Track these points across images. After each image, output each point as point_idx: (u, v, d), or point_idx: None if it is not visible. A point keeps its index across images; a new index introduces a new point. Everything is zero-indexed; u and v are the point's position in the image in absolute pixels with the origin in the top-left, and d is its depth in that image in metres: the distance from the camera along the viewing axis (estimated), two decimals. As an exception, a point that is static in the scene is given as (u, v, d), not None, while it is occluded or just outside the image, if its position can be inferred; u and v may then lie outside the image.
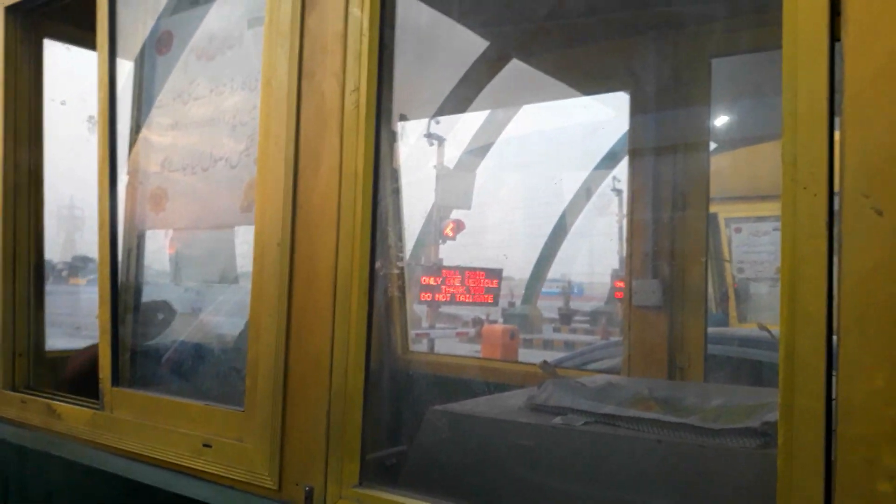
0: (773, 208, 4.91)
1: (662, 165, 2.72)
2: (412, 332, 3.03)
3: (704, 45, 2.59)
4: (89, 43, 2.08)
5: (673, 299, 2.63)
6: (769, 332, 3.20)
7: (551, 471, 1.47)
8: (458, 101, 3.19)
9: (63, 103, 2.74)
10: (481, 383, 2.69)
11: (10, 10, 2.31)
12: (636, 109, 2.84)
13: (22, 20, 2.34)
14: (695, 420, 1.43)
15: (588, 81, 3.07)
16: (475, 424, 1.59)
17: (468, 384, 2.69)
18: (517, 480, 1.47)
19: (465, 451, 1.60)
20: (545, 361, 2.02)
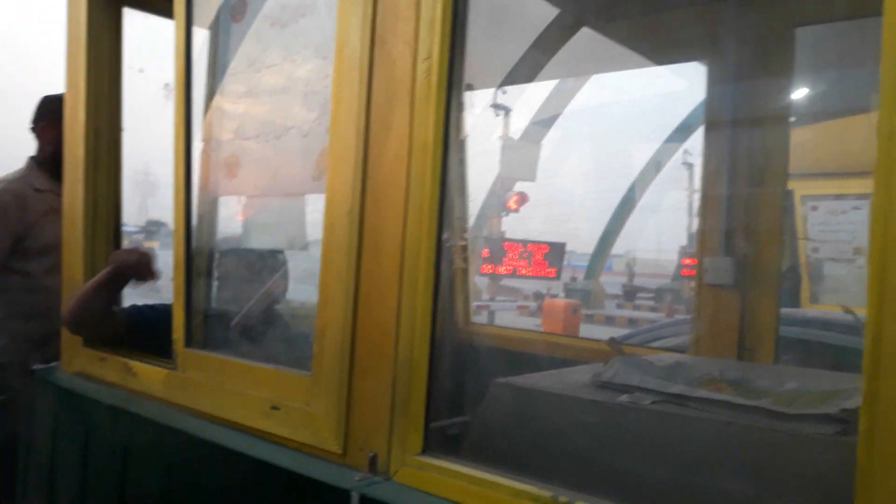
0: (854, 186, 4.70)
1: (739, 139, 2.62)
2: (473, 304, 3.03)
3: (790, 13, 2.48)
4: (166, 11, 2.12)
5: (745, 278, 2.55)
6: (854, 314, 3.09)
7: (616, 449, 1.45)
8: (526, 70, 3.14)
9: (141, 71, 2.80)
10: (543, 357, 2.67)
11: (91, -21, 2.38)
12: (714, 80, 2.75)
13: (103, -11, 2.40)
14: (767, 403, 1.39)
15: (662, 51, 2.98)
16: (539, 399, 1.58)
17: (530, 358, 2.68)
18: (580, 457, 1.46)
19: (528, 425, 1.60)
20: (612, 338, 1.99)
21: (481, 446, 1.59)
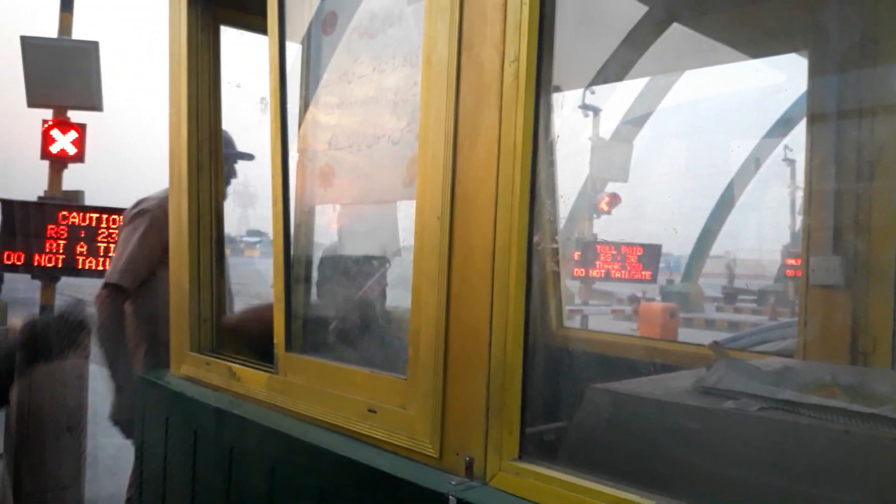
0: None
1: (847, 131, 2.48)
2: (565, 308, 2.99)
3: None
4: (260, 27, 2.20)
5: (857, 277, 2.41)
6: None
7: (721, 457, 1.39)
8: (615, 69, 3.08)
9: (238, 86, 2.92)
10: (640, 362, 2.60)
11: (191, 1, 2.50)
12: (816, 71, 2.61)
13: (201, 9, 2.52)
14: (888, 411, 1.30)
15: (758, 43, 2.86)
16: (639, 405, 1.54)
17: (626, 363, 2.61)
18: (683, 465, 1.41)
19: (627, 431, 1.55)
20: (716, 342, 1.91)
21: (579, 453, 1.56)
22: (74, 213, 6.51)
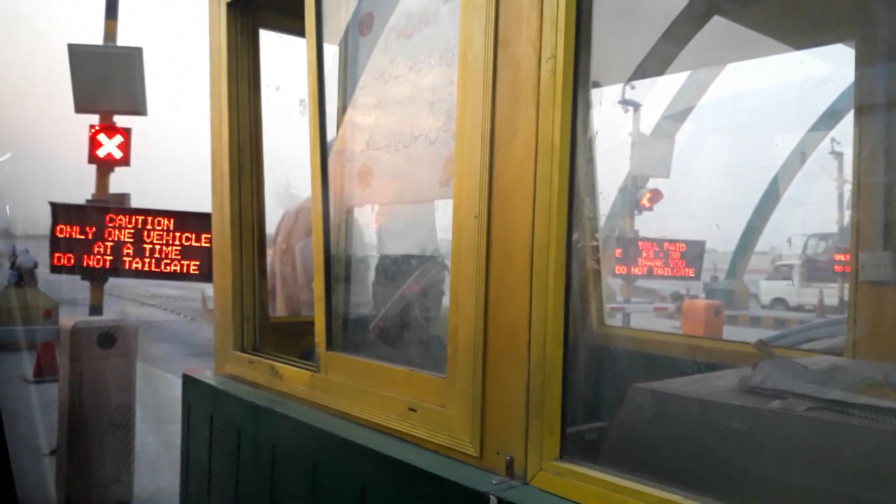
0: None
1: (897, 123, 2.40)
2: (606, 306, 2.96)
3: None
4: (298, 30, 2.22)
5: (908, 274, 2.33)
6: None
7: (767, 458, 1.36)
8: (655, 64, 3.04)
9: (277, 89, 2.96)
10: (683, 361, 2.56)
11: (230, 5, 2.53)
12: (864, 61, 2.53)
13: (241, 13, 2.56)
14: (943, 411, 1.25)
15: (802, 34, 2.79)
16: (683, 405, 1.51)
17: (668, 361, 2.57)
18: (728, 466, 1.38)
19: (671, 431, 1.53)
20: (761, 340, 1.87)
21: (621, 453, 1.54)
22: (121, 216, 6.67)
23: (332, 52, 2.32)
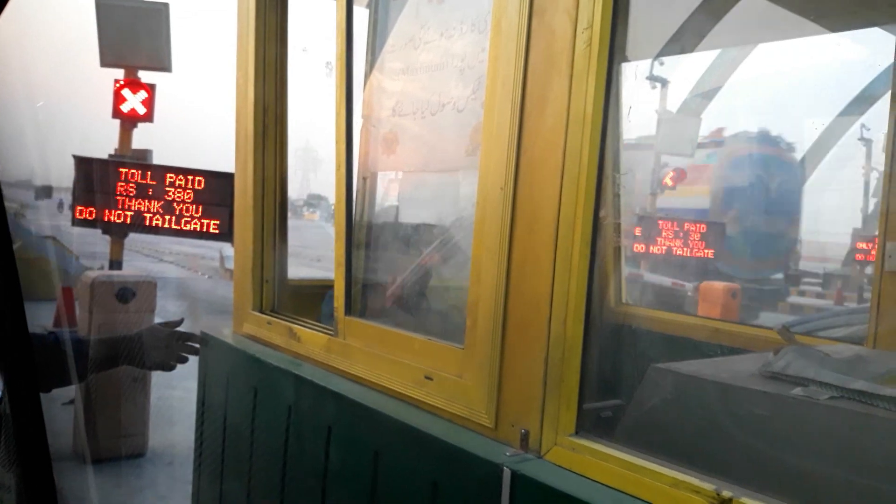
0: None
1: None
2: (625, 285, 2.94)
3: None
4: (329, -10, 2.19)
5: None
6: None
7: (787, 445, 1.35)
8: (686, 39, 2.97)
9: (304, 50, 2.93)
10: (702, 343, 2.55)
11: (261, -37, 2.50)
12: (905, 45, 2.47)
13: (271, -28, 2.52)
14: (969, 406, 1.23)
15: (838, 17, 2.72)
16: (702, 387, 1.50)
17: (687, 343, 2.56)
18: (746, 451, 1.37)
19: (689, 413, 1.52)
20: (784, 326, 1.85)
21: (637, 432, 1.54)
22: (143, 172, 6.70)
23: (361, 15, 2.28)
